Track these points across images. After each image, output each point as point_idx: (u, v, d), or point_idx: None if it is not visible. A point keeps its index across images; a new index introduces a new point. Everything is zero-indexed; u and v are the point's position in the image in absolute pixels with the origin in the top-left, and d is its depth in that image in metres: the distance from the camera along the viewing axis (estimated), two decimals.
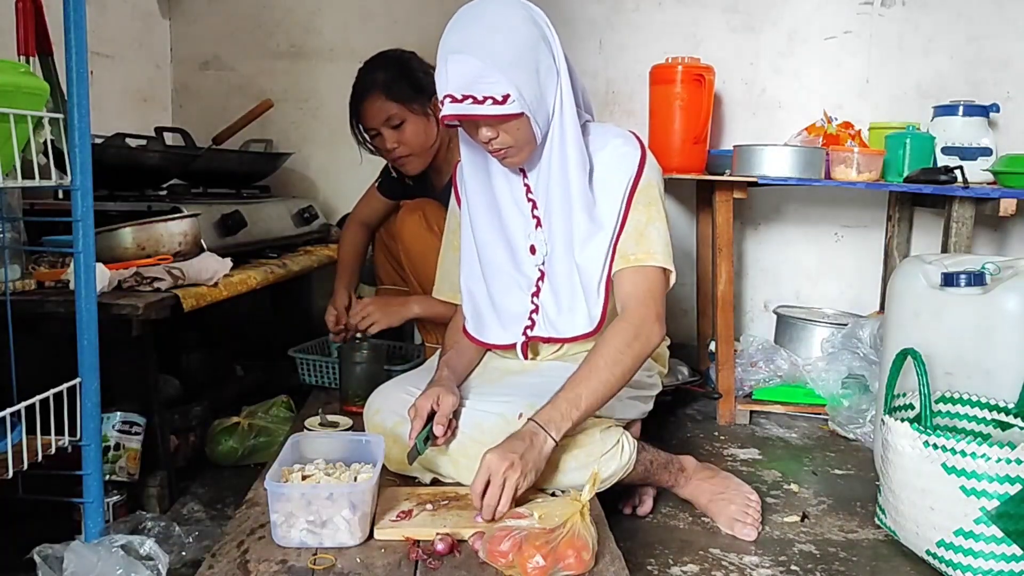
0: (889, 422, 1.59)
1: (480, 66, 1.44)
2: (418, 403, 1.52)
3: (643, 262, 1.59)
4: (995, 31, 2.77)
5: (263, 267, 2.12)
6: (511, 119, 1.49)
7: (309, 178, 3.09)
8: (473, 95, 1.45)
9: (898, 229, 2.80)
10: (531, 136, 1.54)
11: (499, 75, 1.44)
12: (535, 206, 1.65)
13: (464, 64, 1.44)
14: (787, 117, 2.86)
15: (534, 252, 1.66)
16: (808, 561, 1.60)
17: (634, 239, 1.60)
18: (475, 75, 1.44)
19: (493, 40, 1.46)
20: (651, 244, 1.59)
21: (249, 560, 1.23)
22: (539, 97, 1.51)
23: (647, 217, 1.60)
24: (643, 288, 1.58)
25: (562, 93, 1.55)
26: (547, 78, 1.52)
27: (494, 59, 1.44)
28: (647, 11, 2.91)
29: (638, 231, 1.60)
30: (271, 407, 2.13)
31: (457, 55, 1.45)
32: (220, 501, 1.84)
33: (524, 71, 1.47)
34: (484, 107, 1.45)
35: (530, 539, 1.20)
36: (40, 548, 1.31)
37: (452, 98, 1.46)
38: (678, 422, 2.45)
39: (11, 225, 1.52)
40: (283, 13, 3.03)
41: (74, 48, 1.28)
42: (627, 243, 1.60)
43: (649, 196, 1.62)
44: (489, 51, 1.44)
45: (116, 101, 2.78)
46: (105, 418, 1.62)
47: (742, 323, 3.02)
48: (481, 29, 1.47)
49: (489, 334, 1.71)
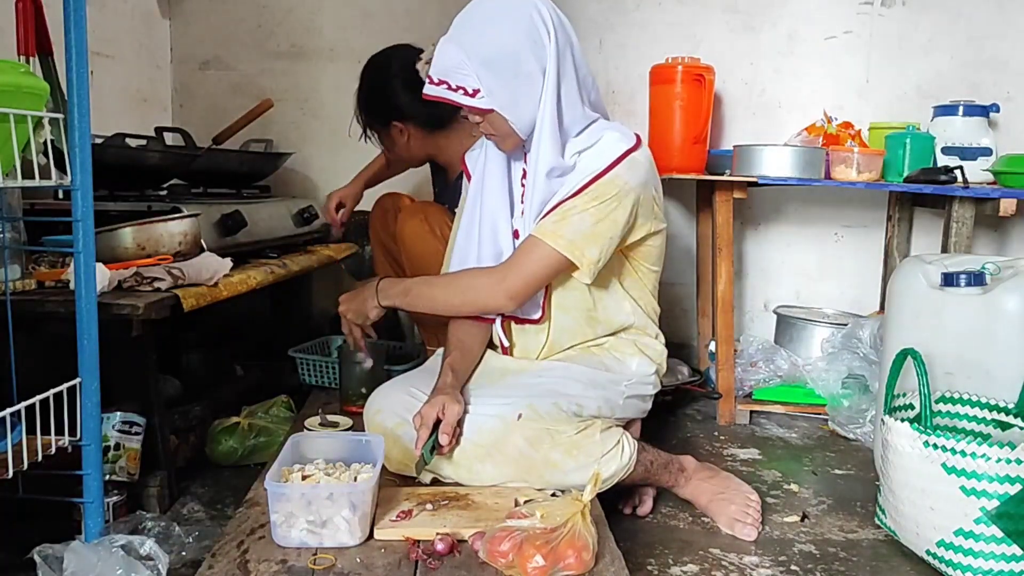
0: (889, 422, 1.59)
1: (459, 56, 1.52)
2: (423, 412, 1.52)
3: (545, 239, 1.59)
4: (995, 31, 2.76)
5: (263, 267, 2.12)
6: (485, 112, 1.56)
7: (309, 178, 3.09)
8: (448, 82, 1.54)
9: (898, 229, 2.80)
10: (510, 130, 1.59)
11: (472, 70, 1.51)
12: (524, 192, 1.68)
13: (447, 52, 1.54)
14: (787, 117, 2.85)
15: (517, 236, 1.70)
16: (808, 561, 1.60)
17: (555, 217, 1.60)
18: (453, 64, 1.53)
19: (480, 35, 1.53)
20: (565, 228, 1.58)
21: (249, 560, 1.23)
22: (515, 98, 1.55)
23: (581, 206, 1.59)
24: (524, 258, 1.61)
25: (545, 97, 1.56)
26: (526, 83, 1.55)
27: (473, 53, 1.51)
28: (647, 11, 2.91)
29: (563, 213, 1.59)
30: (271, 407, 2.12)
31: (446, 42, 1.54)
32: (220, 501, 1.84)
33: (499, 72, 1.53)
34: (456, 95, 1.54)
35: (530, 539, 1.20)
36: (40, 548, 1.31)
37: (430, 80, 1.55)
38: (678, 422, 2.45)
39: (11, 225, 1.52)
40: (283, 13, 3.03)
41: (74, 48, 1.28)
42: (548, 219, 1.61)
43: (601, 191, 1.59)
44: (471, 45, 1.52)
45: (116, 101, 2.78)
46: (105, 418, 1.62)
47: (742, 323, 3.01)
48: (474, 21, 1.55)
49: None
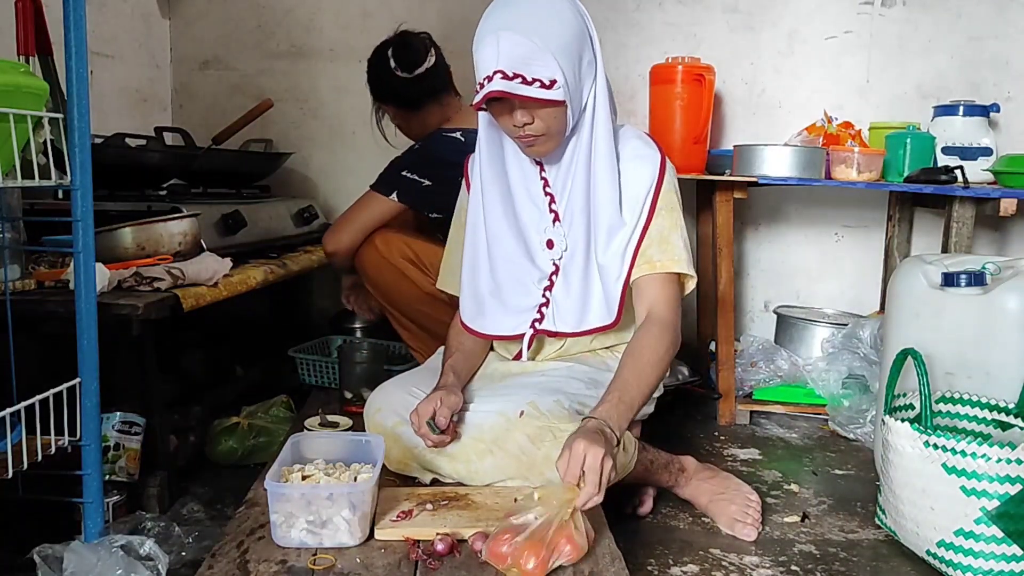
0: (889, 422, 1.59)
1: (532, 47, 1.43)
2: (420, 408, 1.52)
3: (668, 268, 1.61)
4: (995, 31, 2.76)
5: (263, 267, 2.11)
6: (551, 105, 1.49)
7: (309, 178, 3.09)
8: (523, 75, 1.44)
9: (898, 229, 2.80)
10: (563, 126, 1.54)
11: (551, 59, 1.44)
12: (553, 200, 1.65)
13: (517, 43, 1.43)
14: (787, 117, 2.85)
15: (551, 246, 1.65)
16: (808, 561, 1.60)
17: (658, 244, 1.61)
18: (527, 55, 1.43)
19: (548, 24, 1.46)
20: (675, 251, 1.61)
21: (249, 560, 1.23)
22: (578, 89, 1.52)
23: (670, 223, 1.62)
24: (669, 294, 1.61)
25: (597, 88, 1.56)
26: (587, 72, 1.54)
27: (547, 42, 1.44)
28: (647, 11, 2.91)
29: (662, 236, 1.61)
30: (271, 407, 2.12)
31: (509, 32, 1.43)
32: (220, 501, 1.84)
33: (570, 60, 1.48)
34: (531, 89, 1.45)
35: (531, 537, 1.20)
36: (40, 548, 1.31)
37: (503, 74, 1.43)
38: (678, 422, 2.45)
39: (11, 225, 1.52)
40: (283, 13, 3.03)
41: (74, 48, 1.28)
42: (651, 248, 1.61)
43: (670, 201, 1.63)
44: (543, 34, 1.44)
45: (116, 101, 2.77)
46: (105, 418, 1.62)
47: (742, 323, 3.02)
48: (534, 11, 1.47)
49: (491, 325, 1.69)
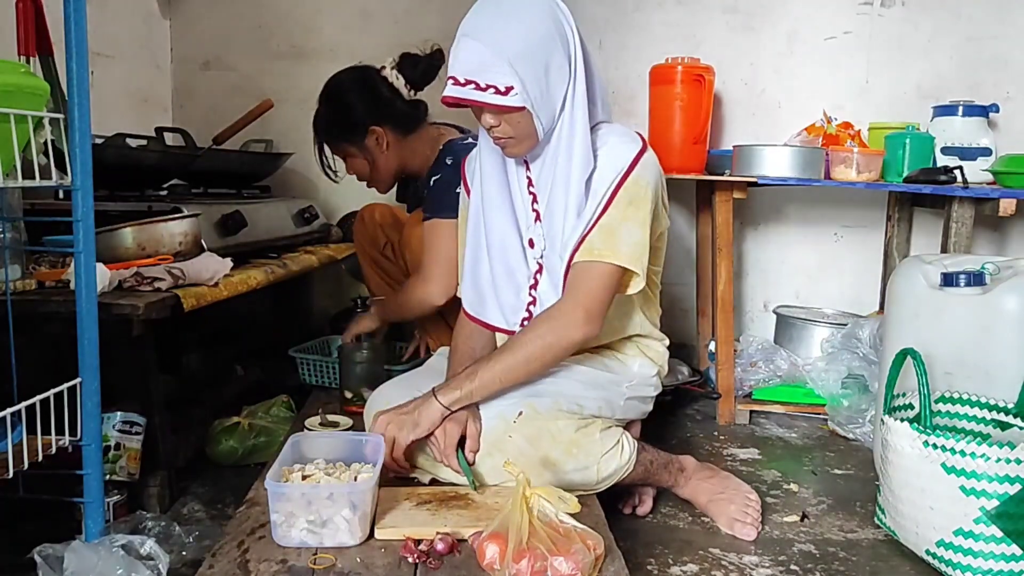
0: (889, 422, 1.59)
1: (487, 54, 1.44)
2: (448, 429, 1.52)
3: (604, 258, 1.55)
4: (995, 31, 2.76)
5: (263, 267, 2.12)
6: (512, 111, 1.49)
7: (309, 178, 3.09)
8: (476, 81, 1.45)
9: (898, 229, 2.80)
10: (532, 131, 1.53)
11: (505, 66, 1.44)
12: (535, 200, 1.64)
13: (472, 49, 1.45)
14: (787, 117, 2.85)
15: (532, 246, 1.65)
16: (808, 561, 1.60)
17: (603, 235, 1.56)
18: (481, 62, 1.45)
19: (506, 30, 1.46)
20: (617, 242, 1.56)
21: (249, 560, 1.23)
22: (544, 94, 1.50)
23: (623, 215, 1.56)
24: (586, 284, 1.56)
25: (574, 93, 1.53)
26: (557, 77, 1.51)
27: (503, 49, 1.44)
28: (647, 11, 2.91)
29: (610, 227, 1.56)
30: (271, 407, 2.12)
31: (467, 39, 1.46)
32: (220, 501, 1.84)
33: (532, 66, 1.46)
34: (486, 95, 1.46)
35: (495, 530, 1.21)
36: (40, 548, 1.31)
37: (455, 80, 1.47)
38: (678, 422, 2.45)
39: (11, 225, 1.52)
40: (283, 13, 3.03)
41: (74, 48, 1.28)
42: (595, 237, 1.56)
43: (633, 194, 1.57)
44: (499, 41, 1.44)
45: (116, 101, 2.78)
46: (105, 418, 1.62)
47: (742, 323, 3.01)
48: (497, 17, 1.47)
49: (490, 315, 1.70)
